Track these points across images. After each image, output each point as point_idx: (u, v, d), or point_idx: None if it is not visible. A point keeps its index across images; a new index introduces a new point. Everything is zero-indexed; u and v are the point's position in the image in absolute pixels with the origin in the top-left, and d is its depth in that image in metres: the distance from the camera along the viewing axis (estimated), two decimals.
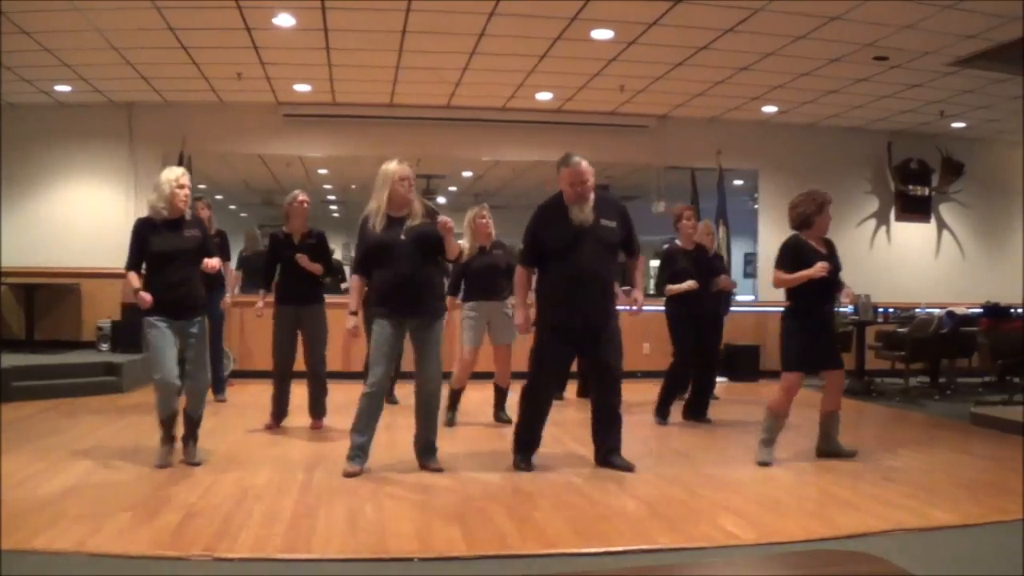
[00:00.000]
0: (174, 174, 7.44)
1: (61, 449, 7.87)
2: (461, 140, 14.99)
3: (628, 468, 7.36)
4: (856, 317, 13.38)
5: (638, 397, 10.72)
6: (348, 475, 7.07)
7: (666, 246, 10.63)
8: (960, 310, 13.15)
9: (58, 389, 11.06)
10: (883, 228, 16.24)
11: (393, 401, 10.69)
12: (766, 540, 5.39)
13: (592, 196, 7.44)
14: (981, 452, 8.39)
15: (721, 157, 14.97)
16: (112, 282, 13.59)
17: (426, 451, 7.47)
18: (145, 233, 7.34)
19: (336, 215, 18.73)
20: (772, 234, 15.44)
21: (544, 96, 14.11)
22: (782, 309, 8.01)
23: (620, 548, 5.20)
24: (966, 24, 10.09)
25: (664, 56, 11.77)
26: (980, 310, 13.01)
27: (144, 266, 7.37)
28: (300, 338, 9.37)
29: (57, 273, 13.72)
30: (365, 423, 7.25)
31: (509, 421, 9.62)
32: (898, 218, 16.19)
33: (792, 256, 7.88)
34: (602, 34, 10.92)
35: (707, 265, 9.99)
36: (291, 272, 9.22)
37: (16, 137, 14.20)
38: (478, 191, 18.15)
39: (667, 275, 9.97)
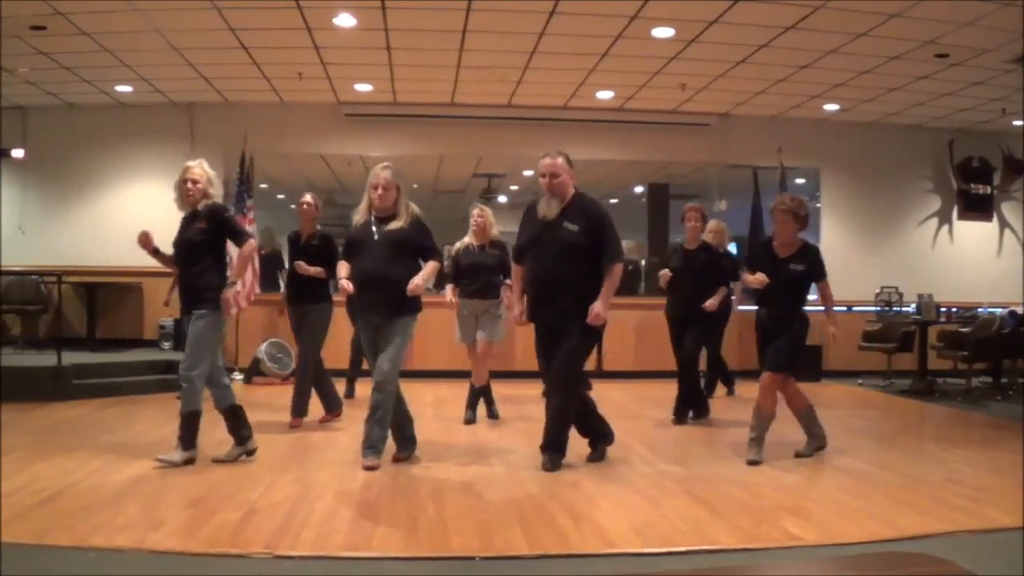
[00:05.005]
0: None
1: (121, 447, 7.95)
2: (522, 139, 14.96)
3: (545, 467, 7.36)
4: (918, 317, 13.31)
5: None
6: (397, 460, 7.49)
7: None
8: (1022, 310, 13.03)
9: (119, 387, 11.17)
10: (945, 227, 16.08)
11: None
12: (828, 541, 5.36)
13: (565, 195, 7.46)
14: None
15: (783, 155, 14.87)
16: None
17: (363, 444, 7.43)
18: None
19: None
20: (835, 232, 15.43)
21: (605, 95, 14.12)
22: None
23: (682, 548, 5.20)
24: None
25: (725, 54, 11.75)
26: None
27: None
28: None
29: (119, 272, 13.87)
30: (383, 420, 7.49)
31: (495, 417, 9.94)
32: (960, 217, 16.02)
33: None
34: (663, 32, 10.92)
35: (702, 265, 9.81)
36: (294, 272, 9.28)
37: (77, 137, 14.46)
38: (539, 190, 18.19)
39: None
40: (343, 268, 7.49)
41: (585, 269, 7.34)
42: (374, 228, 7.40)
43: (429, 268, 7.40)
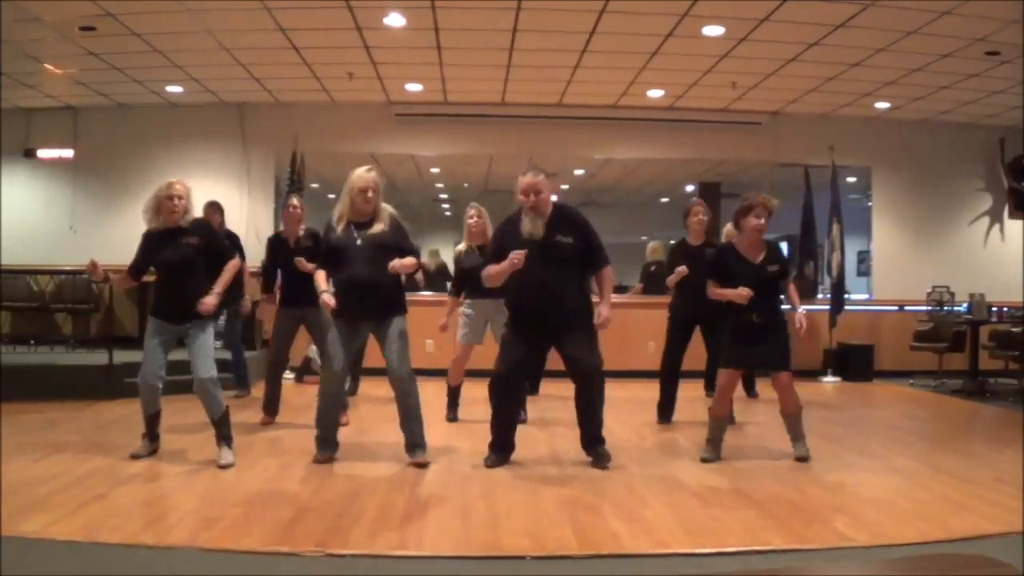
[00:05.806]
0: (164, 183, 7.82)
1: (172, 445, 8.03)
2: (572, 138, 15.01)
3: (595, 463, 7.45)
4: (970, 316, 13.21)
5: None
6: (317, 462, 7.48)
7: (672, 242, 10.57)
8: None
9: (169, 385, 11.18)
10: (996, 226, 15.95)
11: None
12: (879, 542, 5.34)
13: (548, 211, 7.42)
14: None
15: (834, 154, 14.78)
16: None
17: (407, 446, 7.55)
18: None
19: (448, 214, 18.83)
20: (886, 232, 15.38)
21: (655, 93, 14.11)
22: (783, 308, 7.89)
23: (733, 549, 5.20)
24: None
25: (775, 52, 11.72)
26: None
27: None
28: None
29: None
30: (323, 416, 7.60)
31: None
32: (1011, 215, 15.84)
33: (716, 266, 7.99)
34: (713, 31, 10.91)
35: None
36: (292, 274, 9.34)
37: (128, 137, 14.67)
38: (590, 189, 18.20)
39: (667, 269, 9.92)
40: (321, 279, 7.53)
41: (581, 277, 7.49)
42: (355, 233, 7.41)
43: (410, 259, 7.37)
